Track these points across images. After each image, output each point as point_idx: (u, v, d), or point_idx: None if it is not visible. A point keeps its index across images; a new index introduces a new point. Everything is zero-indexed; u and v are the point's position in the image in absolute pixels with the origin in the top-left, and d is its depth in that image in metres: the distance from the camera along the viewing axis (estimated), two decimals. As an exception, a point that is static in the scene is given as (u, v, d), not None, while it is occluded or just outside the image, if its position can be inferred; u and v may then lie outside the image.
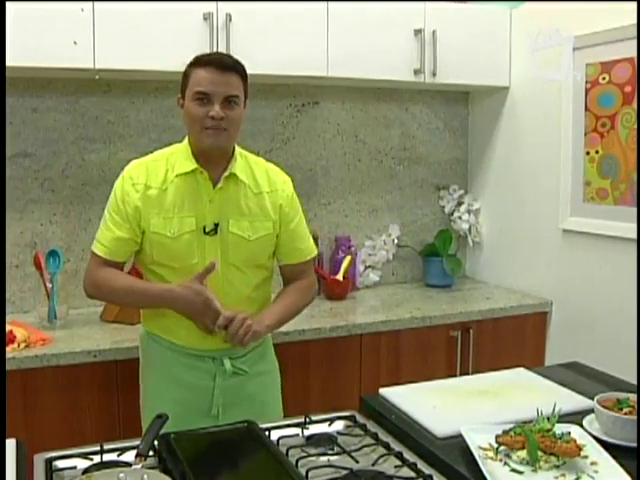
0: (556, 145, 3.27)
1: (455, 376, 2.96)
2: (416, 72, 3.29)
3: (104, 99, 3.17)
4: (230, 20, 2.87)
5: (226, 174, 2.10)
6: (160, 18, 2.81)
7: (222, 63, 2.03)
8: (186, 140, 2.16)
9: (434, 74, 3.31)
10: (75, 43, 2.69)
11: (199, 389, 2.17)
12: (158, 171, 2.10)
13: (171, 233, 2.07)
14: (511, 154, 3.63)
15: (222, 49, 2.86)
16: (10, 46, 2.56)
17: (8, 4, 2.56)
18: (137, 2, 2.76)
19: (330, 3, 3.08)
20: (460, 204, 3.85)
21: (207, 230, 2.09)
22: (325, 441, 1.70)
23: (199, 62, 2.04)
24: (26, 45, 2.63)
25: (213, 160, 2.10)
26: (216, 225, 2.10)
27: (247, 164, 2.19)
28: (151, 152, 2.22)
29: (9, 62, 2.58)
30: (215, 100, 2.01)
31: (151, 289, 2.14)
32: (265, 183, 2.21)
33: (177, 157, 2.12)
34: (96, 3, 2.70)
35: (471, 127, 3.93)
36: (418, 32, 3.25)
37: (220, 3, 2.87)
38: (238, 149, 2.20)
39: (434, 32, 3.27)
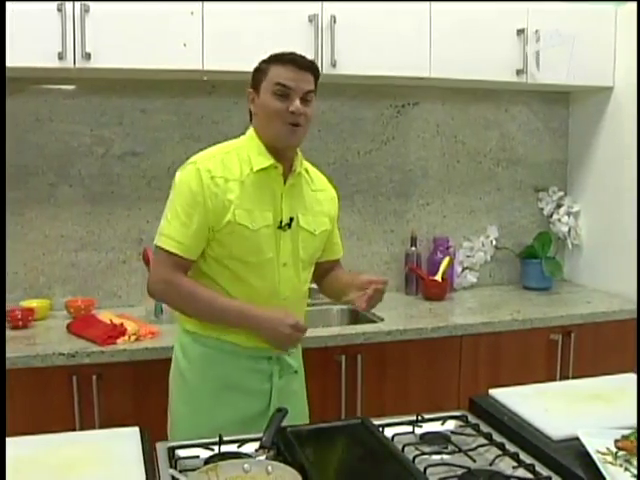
0: (662, 147, 3.19)
1: (555, 380, 2.93)
2: (518, 72, 3.26)
3: (209, 100, 3.25)
4: (334, 21, 2.91)
5: (298, 170, 2.11)
6: (266, 19, 2.86)
7: (301, 61, 2.04)
8: (251, 134, 2.12)
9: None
10: (185, 45, 2.77)
11: (256, 393, 2.11)
12: (233, 164, 2.06)
13: (253, 226, 2.03)
14: (613, 156, 3.55)
15: (326, 50, 2.91)
16: (123, 49, 2.69)
17: (121, 5, 2.66)
18: (245, 2, 2.83)
19: (433, 3, 3.08)
20: (559, 206, 3.79)
21: (283, 224, 2.08)
22: (439, 440, 1.71)
23: (279, 59, 2.03)
24: (138, 48, 2.72)
25: (285, 156, 2.09)
26: (291, 219, 2.09)
27: (303, 162, 2.20)
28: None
29: (123, 65, 2.72)
30: (294, 96, 2.00)
31: (231, 309, 2.06)
32: (318, 181, 2.25)
33: (249, 151, 2.08)
34: (205, 4, 2.77)
35: (571, 128, 3.86)
36: (520, 32, 3.22)
37: (325, 4, 2.91)
38: None
39: (537, 32, 3.23)
